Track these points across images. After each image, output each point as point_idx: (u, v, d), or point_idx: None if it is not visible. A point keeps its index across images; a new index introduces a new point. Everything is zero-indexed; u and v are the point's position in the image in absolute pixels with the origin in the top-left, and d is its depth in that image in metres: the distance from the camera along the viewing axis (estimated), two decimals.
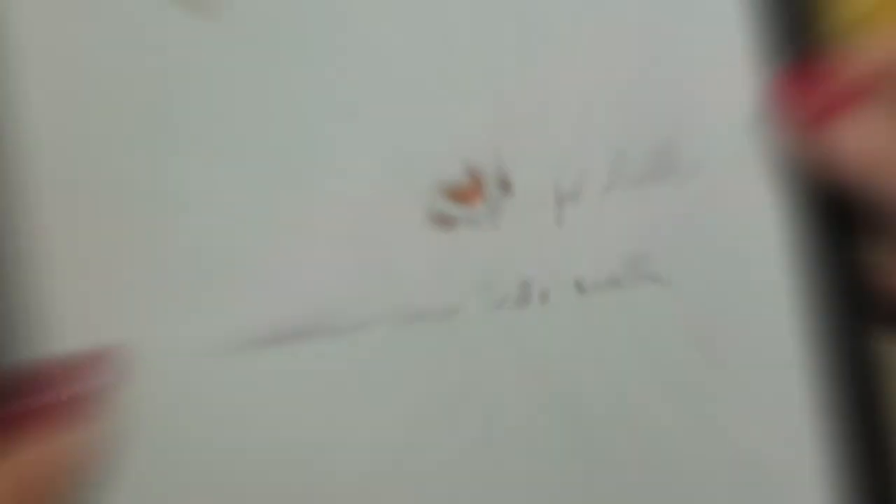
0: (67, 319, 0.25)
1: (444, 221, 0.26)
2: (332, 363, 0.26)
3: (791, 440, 0.26)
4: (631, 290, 0.26)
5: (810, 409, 0.26)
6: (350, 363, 0.26)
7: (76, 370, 0.25)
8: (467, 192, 0.26)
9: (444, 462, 0.26)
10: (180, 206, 0.25)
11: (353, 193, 0.26)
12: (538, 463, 0.26)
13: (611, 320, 0.26)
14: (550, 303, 0.26)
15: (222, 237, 0.25)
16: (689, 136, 0.26)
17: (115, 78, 0.25)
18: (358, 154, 0.26)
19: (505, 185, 0.26)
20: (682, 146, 0.26)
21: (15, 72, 0.25)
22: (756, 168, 0.26)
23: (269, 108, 0.26)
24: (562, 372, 0.26)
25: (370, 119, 0.26)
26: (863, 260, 0.26)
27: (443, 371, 0.26)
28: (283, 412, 0.26)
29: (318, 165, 0.26)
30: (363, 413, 0.25)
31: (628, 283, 0.26)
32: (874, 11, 0.31)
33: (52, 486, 0.24)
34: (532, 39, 0.26)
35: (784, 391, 0.26)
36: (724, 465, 0.26)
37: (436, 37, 0.25)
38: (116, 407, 0.25)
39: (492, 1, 0.26)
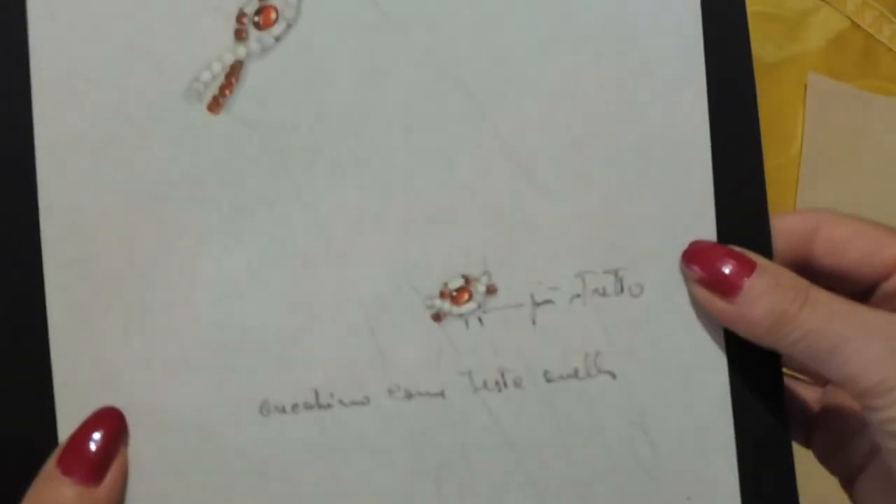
0: (91, 385, 0.30)
1: (438, 318, 0.31)
2: (339, 430, 0.31)
3: None
4: (588, 381, 0.32)
5: (732, 492, 0.31)
6: (354, 431, 0.31)
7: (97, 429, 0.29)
8: (460, 294, 0.31)
9: None
10: (203, 287, 0.31)
11: (365, 291, 0.31)
12: None
13: (571, 405, 0.32)
14: (523, 388, 0.31)
15: (244, 318, 0.31)
16: (637, 263, 0.32)
17: (133, 167, 0.30)
18: (370, 258, 0.31)
19: (491, 290, 0.32)
20: (631, 271, 0.32)
21: (37, 152, 0.30)
22: (684, 293, 0.32)
23: (290, 206, 0.31)
24: (528, 446, 0.31)
25: (383, 230, 0.31)
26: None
27: (431, 441, 0.31)
28: (295, 471, 0.31)
29: (333, 264, 0.31)
30: (364, 472, 0.31)
31: (586, 375, 0.32)
32: None
33: None
34: (519, 181, 0.32)
35: (709, 474, 0.31)
36: None
37: (441, 170, 0.31)
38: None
39: (486, 145, 0.32)
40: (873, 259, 0.31)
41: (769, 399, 0.31)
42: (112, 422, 0.30)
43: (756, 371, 0.31)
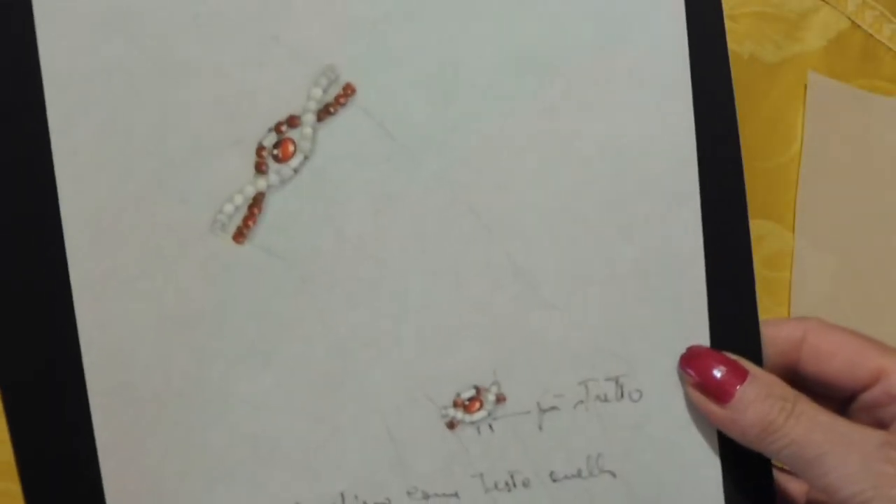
0: (137, 495, 0.33)
1: (452, 426, 0.34)
2: None
3: None
4: (591, 480, 0.34)
5: None
6: None
7: None
8: (472, 403, 0.34)
9: None
10: (235, 405, 0.33)
11: (384, 403, 0.34)
12: None
13: (575, 502, 0.34)
14: (531, 488, 0.34)
15: (274, 431, 0.33)
16: (636, 370, 0.34)
17: (164, 298, 0.33)
18: (388, 373, 0.34)
19: (500, 399, 0.34)
20: (630, 377, 0.34)
21: (73, 288, 0.32)
22: (680, 398, 0.34)
23: (313, 328, 0.33)
24: None
25: (399, 346, 0.34)
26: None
27: None
28: None
29: (354, 379, 0.34)
30: None
31: (588, 475, 0.34)
32: None
33: None
34: (525, 297, 0.34)
35: None
36: None
37: (452, 289, 0.34)
38: None
39: (494, 264, 0.34)
40: (855, 370, 0.33)
41: (759, 496, 0.34)
42: None
43: (748, 469, 0.34)
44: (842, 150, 0.52)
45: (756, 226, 0.34)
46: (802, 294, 0.47)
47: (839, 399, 0.34)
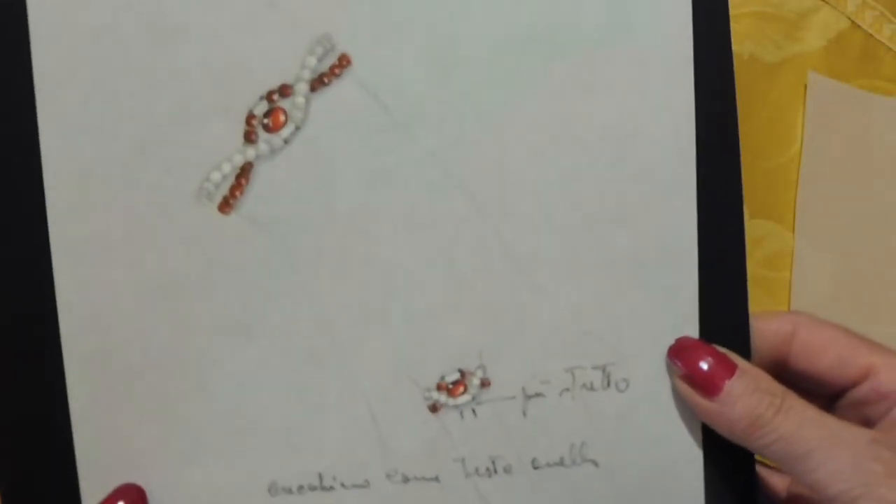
0: (112, 466, 0.32)
1: (435, 409, 0.33)
2: None
3: None
4: (573, 469, 0.34)
5: None
6: None
7: None
8: (456, 387, 0.33)
9: None
10: (215, 378, 0.33)
11: (368, 382, 0.33)
12: None
13: (556, 490, 0.34)
14: (512, 474, 0.34)
15: (254, 406, 0.33)
16: (624, 360, 0.34)
17: (146, 265, 0.32)
18: (373, 352, 0.33)
19: (485, 384, 0.34)
20: (618, 366, 0.34)
21: (53, 251, 0.31)
22: (667, 389, 0.34)
23: (297, 302, 0.33)
24: None
25: (385, 325, 0.33)
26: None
27: None
28: None
29: (338, 357, 0.33)
30: None
31: (571, 463, 0.34)
32: None
33: None
34: (515, 280, 0.33)
35: None
36: None
37: (442, 268, 0.33)
38: None
39: (486, 245, 0.33)
40: (845, 367, 0.33)
41: (740, 491, 0.34)
42: (134, 495, 0.32)
43: (730, 464, 0.34)
44: (842, 150, 0.52)
45: (756, 226, 0.33)
46: (802, 294, 0.47)
47: (827, 395, 0.34)
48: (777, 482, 0.36)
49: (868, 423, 0.33)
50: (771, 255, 0.48)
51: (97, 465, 0.32)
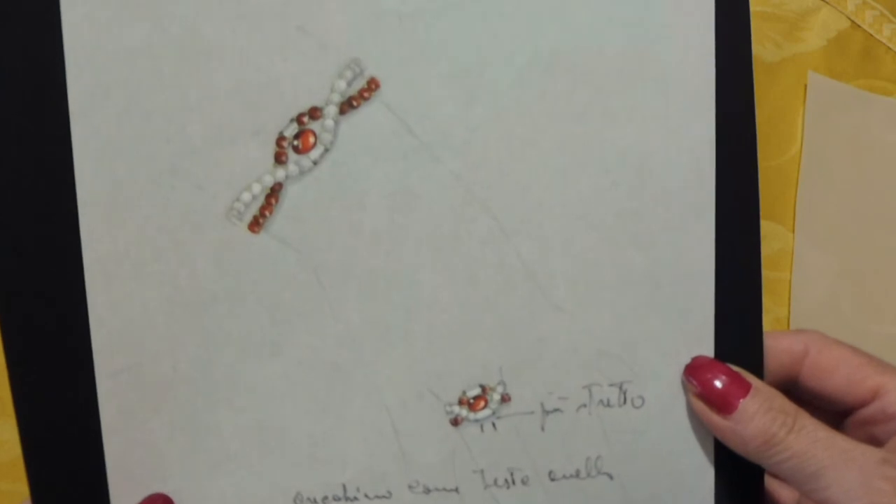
0: (141, 476, 0.33)
1: (456, 422, 0.34)
2: None
3: None
4: (588, 481, 0.35)
5: None
6: None
7: None
8: (477, 402, 0.34)
9: None
10: (243, 391, 0.34)
11: (391, 397, 0.34)
12: None
13: (571, 502, 0.35)
14: (529, 486, 0.35)
15: (280, 419, 0.34)
16: (640, 378, 0.35)
17: (176, 282, 0.33)
18: (396, 367, 0.34)
19: (505, 399, 0.35)
20: (634, 384, 0.35)
21: (86, 268, 0.32)
22: (682, 406, 0.35)
23: (324, 319, 0.34)
24: None
25: (409, 341, 0.34)
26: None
27: None
28: None
29: (363, 372, 0.34)
30: None
31: (586, 475, 0.35)
32: None
33: None
34: (536, 299, 0.34)
35: None
36: None
37: (464, 287, 0.34)
38: None
39: (507, 265, 0.34)
40: (854, 388, 0.34)
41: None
42: None
43: (740, 481, 0.35)
44: (842, 150, 0.52)
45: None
46: (802, 294, 0.48)
47: (836, 413, 0.35)
48: (786, 496, 0.37)
49: (876, 441, 0.34)
50: (771, 255, 0.49)
51: (127, 475, 0.33)
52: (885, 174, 0.53)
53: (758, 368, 0.35)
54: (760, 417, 0.32)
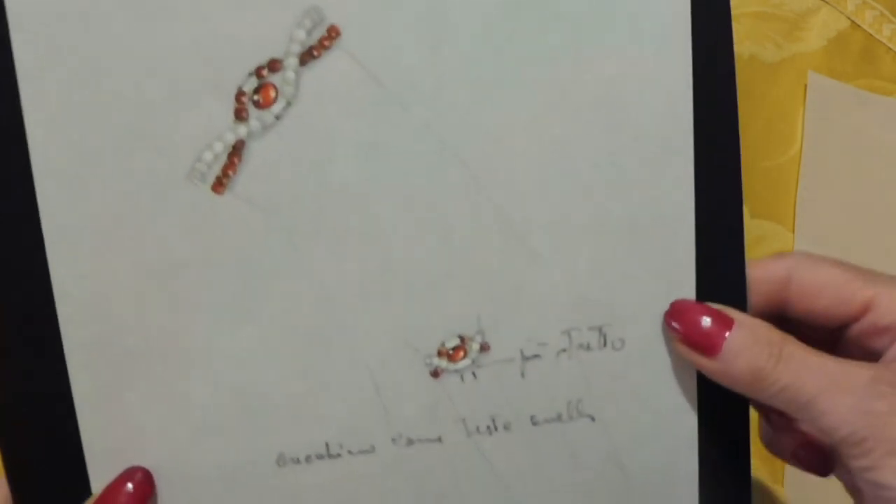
0: (118, 448, 0.33)
1: (437, 374, 0.34)
2: (348, 476, 0.34)
3: None
4: (570, 424, 0.35)
5: None
6: (362, 476, 0.34)
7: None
8: (456, 352, 0.34)
9: None
10: (218, 357, 0.33)
11: (370, 354, 0.34)
12: None
13: (554, 444, 0.35)
14: (511, 431, 0.35)
15: (258, 384, 0.33)
16: (620, 320, 0.35)
17: (142, 249, 0.32)
18: (374, 324, 0.33)
19: (484, 348, 0.34)
20: (614, 327, 0.35)
21: (46, 239, 0.31)
22: (662, 346, 0.35)
23: (297, 279, 0.33)
24: (516, 480, 0.35)
25: (385, 297, 0.33)
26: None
27: (430, 480, 0.35)
28: None
29: (340, 330, 0.33)
30: None
31: (568, 418, 0.35)
32: None
33: None
34: (511, 247, 0.33)
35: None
36: None
37: (439, 239, 0.33)
38: None
39: (481, 214, 0.33)
40: (844, 304, 0.34)
41: (734, 439, 0.35)
42: (140, 477, 0.33)
43: (724, 418, 0.35)
44: (842, 150, 0.52)
45: (756, 226, 0.34)
46: None
47: (830, 333, 0.35)
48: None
49: (872, 356, 0.33)
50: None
51: (104, 448, 0.33)
52: (885, 174, 0.53)
53: (741, 304, 0.34)
54: (746, 353, 0.32)
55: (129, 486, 0.32)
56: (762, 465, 0.47)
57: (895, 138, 0.53)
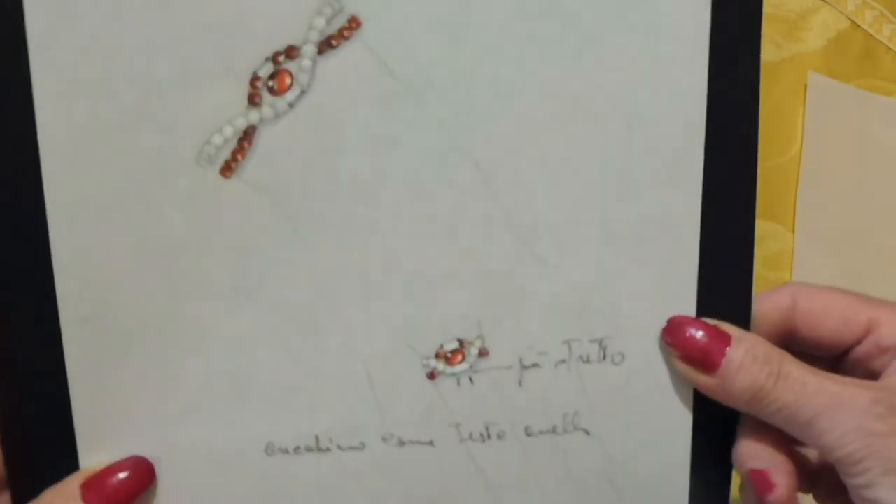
0: (109, 427, 0.32)
1: (433, 376, 0.34)
2: (337, 471, 0.34)
3: None
4: (565, 436, 0.35)
5: None
6: (351, 472, 0.34)
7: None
8: (454, 356, 0.34)
9: None
10: (212, 341, 0.32)
11: (366, 348, 0.33)
12: None
13: (547, 456, 0.35)
14: (505, 440, 0.34)
15: (251, 370, 0.33)
16: (621, 333, 0.34)
17: (143, 228, 0.31)
18: (373, 318, 0.33)
19: (483, 353, 0.34)
20: (614, 340, 0.34)
21: (48, 212, 0.31)
22: (661, 362, 0.34)
23: (298, 268, 0.32)
24: (506, 490, 0.35)
25: (386, 292, 0.33)
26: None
27: (420, 484, 0.34)
28: None
29: (338, 322, 0.33)
30: None
31: (563, 431, 0.35)
32: None
33: None
34: (517, 250, 0.33)
35: None
36: None
37: (444, 237, 0.33)
38: None
39: (489, 214, 0.33)
40: (847, 327, 0.34)
41: (726, 461, 0.35)
42: (141, 468, 0.32)
43: (717, 437, 0.35)
44: (842, 150, 0.52)
45: (756, 226, 0.33)
46: None
47: (834, 356, 0.35)
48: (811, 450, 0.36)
49: (873, 376, 0.33)
50: (771, 255, 0.49)
51: (95, 425, 0.32)
52: (885, 174, 0.53)
53: (745, 320, 0.34)
54: (746, 371, 0.32)
55: (125, 472, 0.32)
56: None
57: (895, 138, 0.53)
